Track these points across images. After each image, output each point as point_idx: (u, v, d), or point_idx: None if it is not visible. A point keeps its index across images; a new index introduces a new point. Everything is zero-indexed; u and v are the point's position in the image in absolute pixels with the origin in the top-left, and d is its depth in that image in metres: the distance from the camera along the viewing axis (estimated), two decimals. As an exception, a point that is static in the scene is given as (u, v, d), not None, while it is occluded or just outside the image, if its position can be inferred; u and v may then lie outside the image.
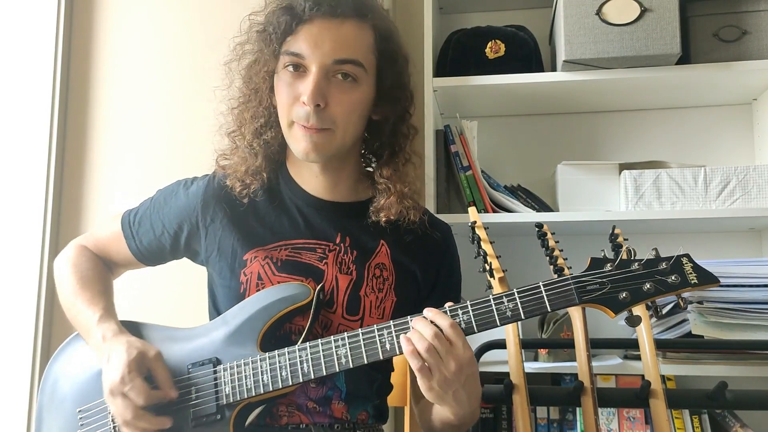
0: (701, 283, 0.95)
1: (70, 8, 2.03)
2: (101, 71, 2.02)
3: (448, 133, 1.82)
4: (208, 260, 1.15)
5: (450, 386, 0.92)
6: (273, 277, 1.08)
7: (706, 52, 1.74)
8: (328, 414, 1.07)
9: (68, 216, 1.96)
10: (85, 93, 2.01)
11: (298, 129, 1.05)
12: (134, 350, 1.00)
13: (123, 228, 1.21)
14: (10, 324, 1.89)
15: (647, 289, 0.93)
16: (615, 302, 0.94)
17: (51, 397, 1.13)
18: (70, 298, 1.15)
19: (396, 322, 0.97)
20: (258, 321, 1.03)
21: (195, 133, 1.94)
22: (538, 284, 0.95)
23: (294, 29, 1.04)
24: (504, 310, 0.95)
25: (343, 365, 0.97)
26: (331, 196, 1.14)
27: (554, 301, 0.94)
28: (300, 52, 1.03)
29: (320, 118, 1.03)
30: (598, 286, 0.94)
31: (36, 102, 1.97)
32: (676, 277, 0.93)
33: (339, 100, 1.04)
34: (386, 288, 1.11)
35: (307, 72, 1.04)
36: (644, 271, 0.94)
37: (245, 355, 1.02)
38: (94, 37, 2.03)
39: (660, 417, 1.19)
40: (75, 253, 1.21)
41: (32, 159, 1.95)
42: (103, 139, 1.99)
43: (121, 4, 2.04)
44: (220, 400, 1.01)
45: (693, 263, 0.96)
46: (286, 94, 1.05)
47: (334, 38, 1.03)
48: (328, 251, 1.11)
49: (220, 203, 1.14)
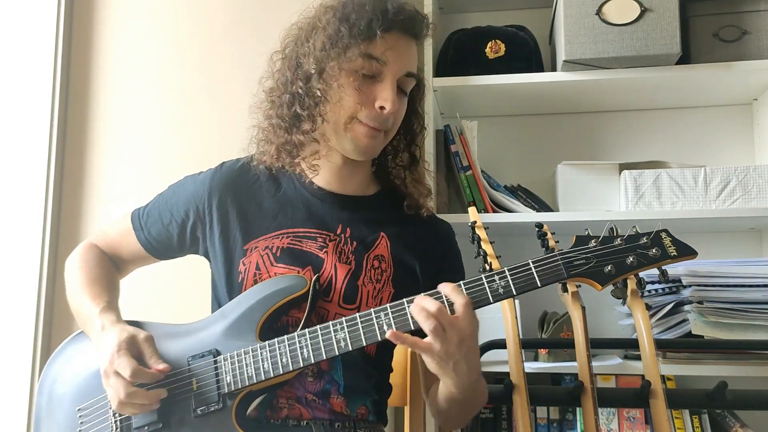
0: (680, 255, 0.99)
1: (70, 9, 2.03)
2: (101, 71, 2.02)
3: (448, 133, 1.82)
4: (210, 248, 1.17)
5: (452, 357, 0.95)
6: (271, 268, 1.10)
7: (706, 52, 1.74)
8: (328, 408, 1.08)
9: (68, 217, 1.96)
10: (85, 93, 2.02)
11: (362, 127, 1.08)
12: (125, 333, 1.03)
13: (132, 221, 1.24)
14: (10, 324, 1.89)
15: (630, 262, 0.98)
16: (601, 275, 0.98)
17: (49, 398, 1.14)
18: (76, 293, 1.18)
19: (392, 305, 0.99)
20: (256, 312, 1.06)
21: (195, 133, 1.94)
22: (527, 261, 0.99)
23: (375, 35, 1.05)
24: (496, 288, 0.98)
25: (342, 348, 0.99)
26: (340, 189, 1.17)
27: (544, 277, 0.98)
28: (383, 59, 1.06)
29: (386, 122, 1.10)
30: (585, 261, 0.98)
31: (36, 102, 1.97)
32: (657, 250, 0.98)
33: (398, 107, 1.10)
34: (384, 279, 1.14)
35: (380, 77, 1.07)
36: (627, 245, 0.99)
37: (245, 346, 1.03)
38: (94, 37, 2.04)
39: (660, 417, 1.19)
40: (84, 251, 1.25)
41: (32, 160, 1.95)
42: (103, 140, 1.99)
43: (121, 4, 2.04)
44: (222, 389, 1.03)
45: (671, 237, 1.00)
46: (357, 95, 1.07)
47: (408, 52, 1.10)
48: (328, 240, 1.13)
49: (226, 190, 1.17)
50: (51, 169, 1.95)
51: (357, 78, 1.07)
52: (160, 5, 2.02)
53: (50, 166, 1.95)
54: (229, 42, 1.96)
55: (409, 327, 0.98)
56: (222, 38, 1.96)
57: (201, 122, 1.94)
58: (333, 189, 1.17)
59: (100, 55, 2.03)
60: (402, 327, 0.98)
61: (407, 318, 0.98)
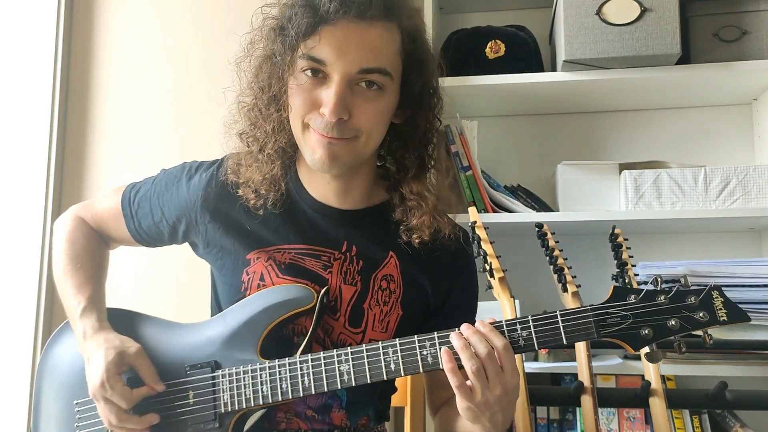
0: (731, 320, 0.87)
1: (70, 8, 2.03)
2: (101, 71, 2.02)
3: (448, 133, 1.82)
4: (207, 255, 1.12)
5: (490, 409, 0.87)
6: (276, 279, 1.04)
7: (706, 52, 1.74)
8: (327, 422, 1.06)
9: (68, 216, 1.96)
10: (85, 93, 2.02)
11: (314, 134, 0.96)
12: (112, 351, 0.98)
13: (123, 206, 1.17)
14: (10, 322, 1.89)
15: (672, 326, 0.87)
16: (636, 339, 0.88)
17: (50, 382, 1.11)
18: (61, 277, 1.14)
19: (402, 341, 0.92)
20: (258, 325, 1.00)
21: (195, 132, 1.94)
22: (555, 313, 0.89)
23: (316, 30, 0.92)
24: (516, 338, 0.88)
25: (345, 382, 0.93)
26: (340, 204, 1.07)
27: (571, 334, 0.88)
28: (322, 59, 0.93)
29: (342, 129, 0.95)
30: (620, 320, 0.88)
31: (36, 102, 1.97)
32: (704, 314, 0.86)
33: (363, 109, 0.95)
34: (392, 301, 1.06)
35: (327, 79, 0.94)
36: (671, 305, 0.87)
37: (245, 361, 0.99)
38: (94, 37, 2.04)
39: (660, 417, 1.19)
40: (72, 227, 1.18)
41: (32, 159, 1.96)
42: (103, 139, 2.00)
43: (121, 4, 2.04)
44: (218, 408, 0.99)
45: (724, 297, 0.88)
46: (303, 99, 0.95)
47: (360, 45, 0.93)
48: (332, 259, 1.05)
49: (221, 201, 1.09)
50: (51, 168, 1.95)
51: (304, 80, 0.95)
52: (160, 5, 2.02)
53: (50, 165, 1.95)
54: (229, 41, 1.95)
55: (417, 370, 0.91)
56: (222, 37, 1.96)
57: (201, 122, 1.94)
58: (333, 203, 1.07)
59: (100, 54, 2.03)
60: (410, 368, 0.91)
61: (417, 359, 0.91)
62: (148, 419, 0.98)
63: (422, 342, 0.91)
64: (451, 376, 0.86)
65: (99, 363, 0.97)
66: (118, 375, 0.97)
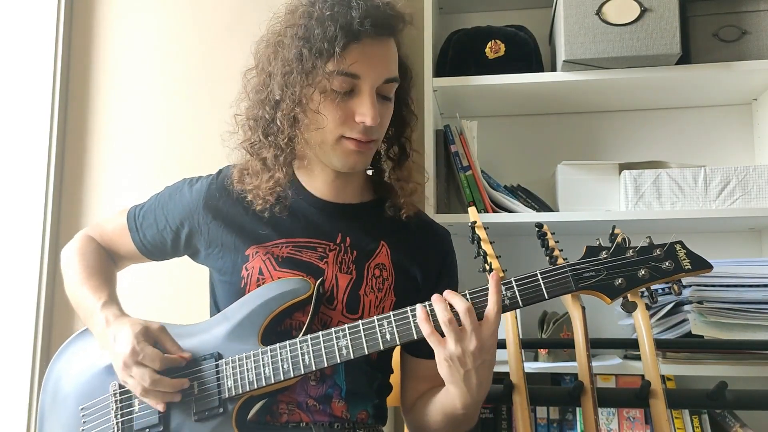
0: (694, 268, 0.95)
1: (70, 8, 2.03)
2: (101, 71, 2.02)
3: (448, 133, 1.82)
4: (209, 257, 1.16)
5: (464, 365, 0.94)
6: (274, 273, 1.09)
7: (706, 52, 1.74)
8: (328, 412, 1.08)
9: (68, 216, 1.96)
10: (85, 93, 2.02)
11: (350, 144, 1.05)
12: (138, 325, 1.03)
13: (128, 221, 1.23)
14: (10, 324, 1.89)
15: (642, 275, 0.95)
16: (611, 288, 0.96)
17: (53, 396, 1.14)
18: (76, 286, 1.17)
19: (396, 312, 0.98)
20: (258, 316, 1.05)
21: (195, 133, 1.94)
22: (535, 272, 0.97)
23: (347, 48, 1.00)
24: (502, 299, 0.96)
25: (344, 356, 0.99)
26: (336, 199, 1.15)
27: (551, 289, 0.96)
28: (357, 73, 1.01)
29: (371, 133, 1.06)
30: (594, 273, 0.96)
31: (36, 102, 1.98)
32: (670, 263, 0.95)
33: (382, 115, 1.06)
34: (386, 288, 1.12)
35: (356, 90, 1.03)
36: (639, 257, 0.96)
37: (246, 350, 1.03)
38: (94, 37, 2.04)
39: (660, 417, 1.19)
40: (82, 243, 1.24)
41: (32, 159, 1.96)
42: (103, 139, 2.00)
43: (121, 3, 2.04)
44: (222, 393, 1.02)
45: (686, 249, 0.97)
46: (340, 114, 1.03)
47: (383, 58, 1.04)
48: (328, 250, 1.12)
49: (222, 200, 1.15)
50: (51, 167, 1.95)
51: (334, 97, 1.02)
52: (160, 4, 2.02)
53: (50, 164, 1.95)
54: (229, 40, 1.95)
55: (412, 336, 0.97)
56: (223, 37, 1.96)
57: (201, 121, 1.94)
58: (329, 198, 1.15)
59: (100, 53, 2.03)
60: (405, 336, 0.97)
61: (410, 327, 0.97)
62: (179, 382, 1.02)
63: (414, 311, 0.98)
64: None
65: (127, 335, 1.01)
66: (147, 341, 1.01)
